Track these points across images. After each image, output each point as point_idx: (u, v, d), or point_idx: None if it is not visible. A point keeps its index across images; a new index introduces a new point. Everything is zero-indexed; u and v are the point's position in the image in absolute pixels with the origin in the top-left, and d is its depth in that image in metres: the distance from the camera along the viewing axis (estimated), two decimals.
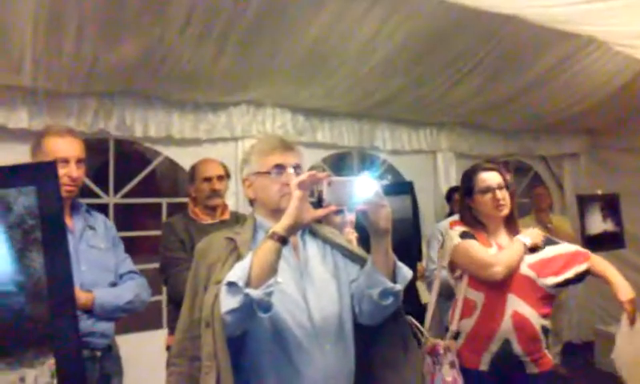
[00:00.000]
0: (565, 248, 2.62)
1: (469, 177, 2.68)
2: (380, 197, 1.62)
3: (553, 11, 3.45)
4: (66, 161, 2.32)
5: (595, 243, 5.55)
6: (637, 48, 3.94)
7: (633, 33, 3.64)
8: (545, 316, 2.48)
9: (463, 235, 2.58)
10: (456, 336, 2.52)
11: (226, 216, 3.25)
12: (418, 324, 2.48)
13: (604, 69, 4.69)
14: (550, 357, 2.55)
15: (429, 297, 4.51)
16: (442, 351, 2.41)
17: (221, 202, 3.25)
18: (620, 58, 4.36)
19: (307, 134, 4.79)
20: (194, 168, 3.32)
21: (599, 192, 5.68)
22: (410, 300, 4.56)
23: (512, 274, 2.45)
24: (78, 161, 2.37)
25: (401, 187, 5.16)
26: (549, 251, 2.58)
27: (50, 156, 2.25)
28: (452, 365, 2.40)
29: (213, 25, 3.31)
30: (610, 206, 5.58)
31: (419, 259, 4.53)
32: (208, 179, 3.20)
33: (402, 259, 1.80)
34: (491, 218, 2.61)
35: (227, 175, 3.32)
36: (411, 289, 4.64)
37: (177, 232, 3.08)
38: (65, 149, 2.34)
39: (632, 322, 2.40)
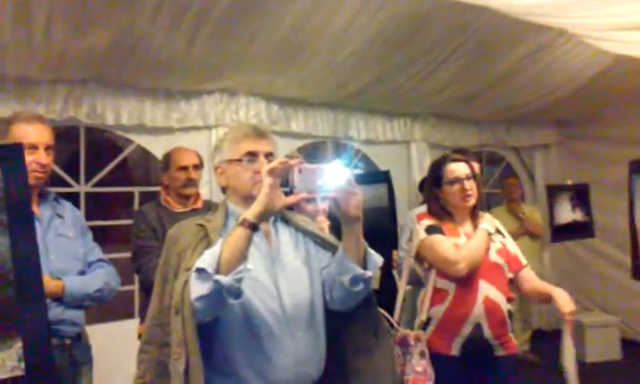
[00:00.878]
0: (513, 244, 2.76)
1: (437, 167, 2.71)
2: (351, 184, 1.62)
3: (525, 3, 3.48)
4: (34, 147, 2.27)
5: (564, 232, 5.66)
6: (606, 40, 4.00)
7: (603, 25, 3.69)
8: (509, 300, 2.56)
9: (429, 230, 2.60)
10: (425, 325, 2.55)
11: (199, 204, 3.24)
12: (388, 315, 2.50)
13: (575, 61, 4.77)
14: (515, 340, 2.61)
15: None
16: (412, 342, 2.43)
17: (195, 191, 3.24)
18: (591, 50, 4.43)
19: (281, 124, 4.79)
20: (168, 155, 3.29)
21: (569, 182, 5.79)
22: (388, 288, 4.60)
23: (482, 261, 2.50)
24: (47, 147, 2.33)
25: (377, 176, 5.20)
26: (505, 241, 2.70)
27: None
28: (422, 355, 2.42)
29: (185, 12, 3.28)
30: (580, 196, 5.68)
31: (395, 247, 4.57)
32: (184, 168, 3.18)
33: (378, 247, 1.81)
34: (458, 208, 2.65)
35: (201, 164, 3.30)
36: (388, 277, 4.68)
37: (148, 220, 3.07)
38: (33, 135, 2.29)
39: (571, 330, 2.49)
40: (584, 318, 5.82)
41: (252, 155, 1.80)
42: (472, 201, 2.62)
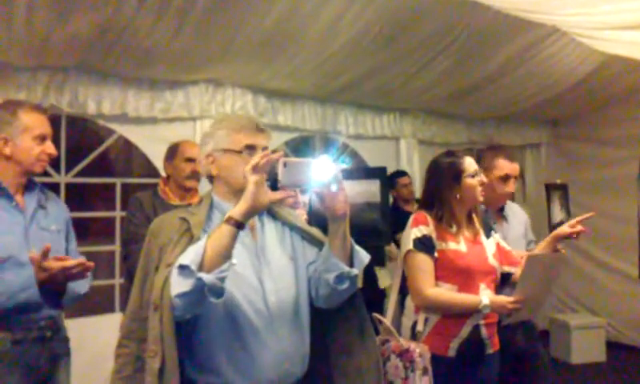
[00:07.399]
0: (502, 239, 2.69)
1: (456, 160, 2.54)
2: (337, 180, 1.58)
3: None
4: (43, 137, 2.26)
5: None
6: (597, 39, 3.97)
7: (593, 23, 3.65)
8: None
9: (417, 244, 2.45)
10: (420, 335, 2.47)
11: (196, 200, 3.17)
12: (383, 319, 2.44)
13: (567, 59, 4.74)
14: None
15: (388, 282, 4.50)
16: (417, 358, 2.34)
17: (196, 186, 3.19)
18: (582, 49, 4.40)
19: (268, 116, 4.70)
20: (176, 146, 3.24)
21: (558, 181, 5.77)
22: (369, 285, 4.54)
23: (481, 263, 2.46)
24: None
25: (372, 171, 5.15)
26: (497, 238, 2.64)
27: (28, 131, 2.21)
28: (424, 371, 2.34)
29: (171, 0, 3.20)
30: (565, 195, 5.67)
31: (387, 243, 4.53)
32: (191, 160, 3.12)
33: (368, 243, 1.77)
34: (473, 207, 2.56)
35: None
36: (370, 274, 4.64)
37: (144, 207, 3.01)
38: (44, 125, 2.29)
39: None
40: (570, 319, 5.81)
41: (251, 149, 1.74)
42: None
